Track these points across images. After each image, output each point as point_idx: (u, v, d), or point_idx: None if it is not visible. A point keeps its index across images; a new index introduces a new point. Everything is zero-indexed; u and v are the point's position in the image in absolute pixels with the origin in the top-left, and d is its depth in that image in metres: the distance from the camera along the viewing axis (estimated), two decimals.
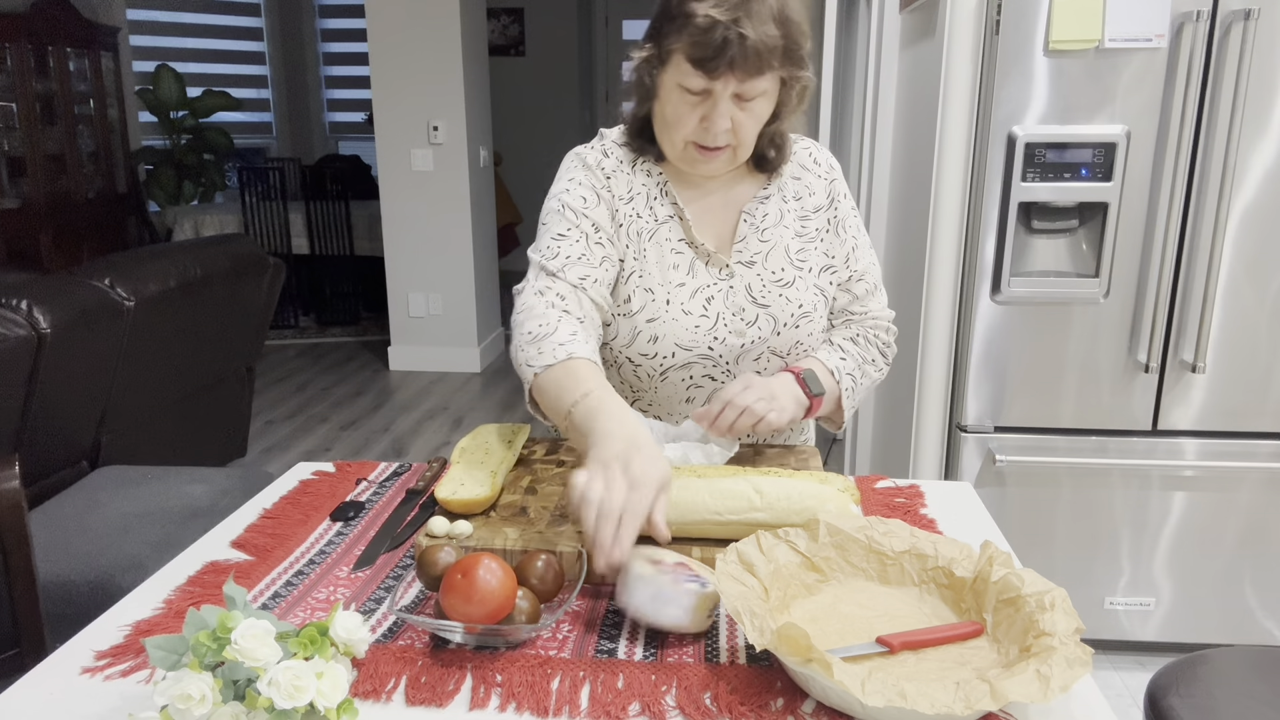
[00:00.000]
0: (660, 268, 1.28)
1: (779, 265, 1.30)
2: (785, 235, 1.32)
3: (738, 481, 1.03)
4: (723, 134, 1.20)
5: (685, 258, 1.29)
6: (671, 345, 1.27)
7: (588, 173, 1.31)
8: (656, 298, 1.27)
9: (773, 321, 1.29)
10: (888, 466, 2.59)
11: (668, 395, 1.32)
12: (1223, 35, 1.93)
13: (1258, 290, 2.06)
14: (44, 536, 1.92)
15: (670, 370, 1.29)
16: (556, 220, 1.28)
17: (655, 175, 1.32)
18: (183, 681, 0.71)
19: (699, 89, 1.17)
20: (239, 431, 3.36)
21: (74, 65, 5.35)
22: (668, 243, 1.29)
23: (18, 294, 2.12)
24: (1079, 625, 0.80)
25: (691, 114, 1.20)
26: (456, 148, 4.70)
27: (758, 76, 1.15)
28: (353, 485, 1.29)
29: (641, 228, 1.29)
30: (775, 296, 1.29)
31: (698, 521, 1.01)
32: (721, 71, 1.14)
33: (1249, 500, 2.16)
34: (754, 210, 1.32)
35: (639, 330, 1.27)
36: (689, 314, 1.27)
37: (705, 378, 1.30)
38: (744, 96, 1.17)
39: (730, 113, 1.18)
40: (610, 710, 0.79)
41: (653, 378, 1.30)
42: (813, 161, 1.37)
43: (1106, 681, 2.21)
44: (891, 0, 2.55)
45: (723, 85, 1.15)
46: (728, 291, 1.28)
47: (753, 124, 1.22)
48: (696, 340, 1.27)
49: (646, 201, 1.31)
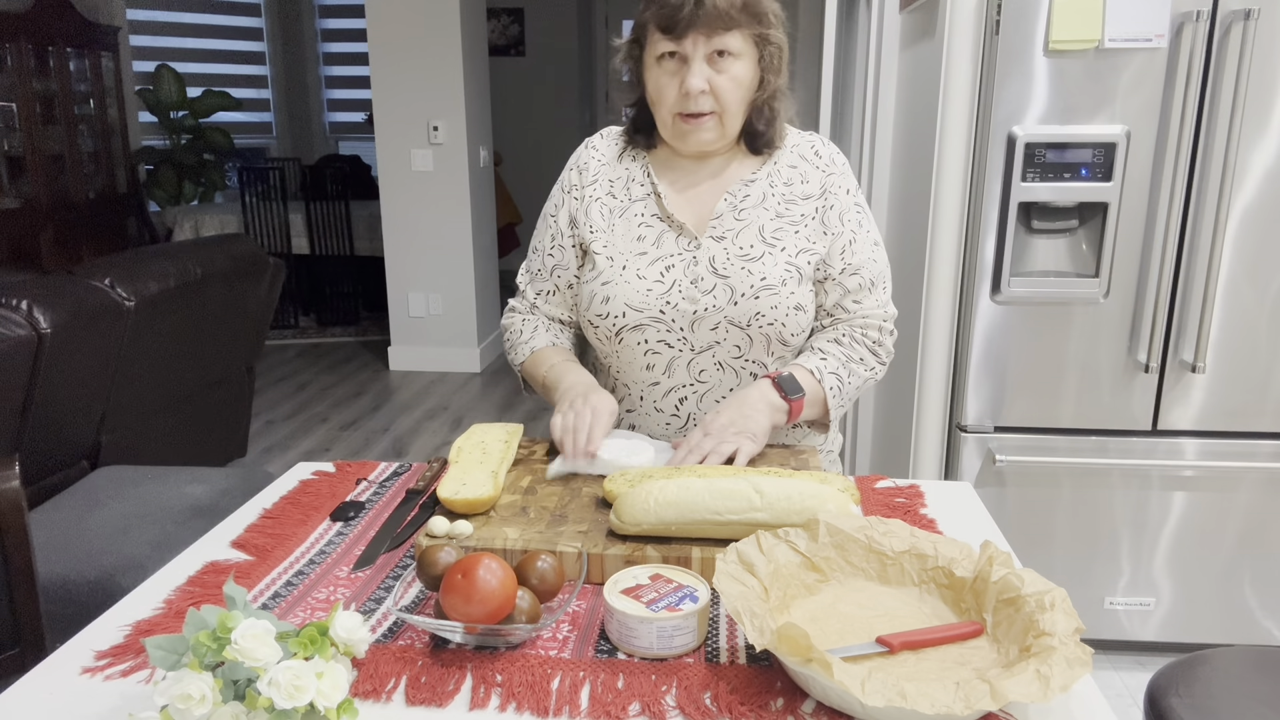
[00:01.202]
0: (626, 239, 1.36)
1: (749, 241, 1.33)
2: (763, 216, 1.35)
3: (738, 481, 1.03)
4: (701, 97, 1.26)
5: (654, 230, 1.35)
6: (621, 305, 1.33)
7: (566, 172, 1.44)
8: (615, 264, 1.35)
9: (730, 291, 1.31)
10: (888, 466, 2.59)
11: (628, 360, 1.37)
12: (1223, 35, 1.93)
13: (1258, 290, 2.06)
14: (44, 536, 1.92)
15: (624, 331, 1.34)
16: (538, 229, 1.46)
17: (640, 160, 1.41)
18: (183, 681, 0.71)
19: (670, 51, 1.25)
20: (239, 431, 3.36)
21: (74, 65, 5.35)
22: (638, 218, 1.36)
23: (18, 294, 2.12)
24: (1079, 625, 0.80)
25: (671, 83, 1.27)
26: (456, 148, 4.70)
27: (724, 33, 1.23)
28: (353, 485, 1.29)
29: (614, 206, 1.39)
30: (737, 269, 1.32)
31: (698, 521, 1.01)
32: (685, 31, 1.22)
33: (1249, 500, 2.16)
34: (737, 191, 1.36)
35: (595, 293, 1.35)
36: (643, 278, 1.33)
37: (661, 343, 1.34)
38: (717, 56, 1.25)
39: (706, 75, 1.25)
40: (610, 710, 0.79)
41: (610, 339, 1.36)
42: (814, 153, 1.39)
43: (1106, 681, 2.21)
44: (891, 0, 2.55)
45: (691, 45, 1.23)
46: (690, 262, 1.33)
47: (731, 86, 1.26)
48: (647, 303, 1.32)
49: (626, 184, 1.40)
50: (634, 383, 1.39)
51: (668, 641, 0.86)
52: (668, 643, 0.86)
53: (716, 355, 1.35)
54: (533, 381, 1.43)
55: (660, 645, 0.86)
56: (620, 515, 1.02)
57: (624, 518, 1.01)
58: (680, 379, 1.36)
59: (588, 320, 1.37)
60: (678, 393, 1.37)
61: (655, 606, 0.86)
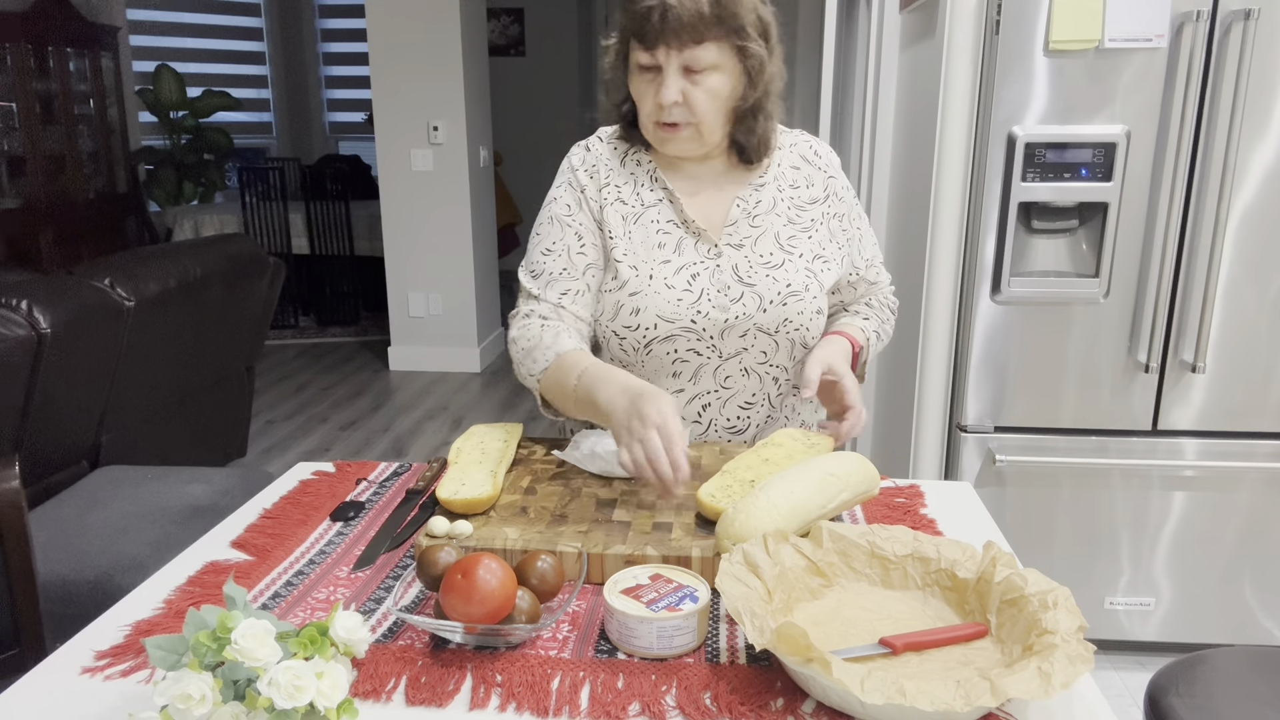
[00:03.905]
0: (645, 246, 1.33)
1: (768, 250, 1.33)
2: (777, 222, 1.35)
3: (813, 471, 1.04)
4: (674, 108, 1.25)
5: (673, 237, 1.33)
6: (653, 317, 1.30)
7: (572, 175, 1.38)
8: (640, 273, 1.31)
9: (759, 299, 1.31)
10: (888, 466, 2.58)
11: (654, 369, 1.35)
12: (1223, 35, 1.93)
13: (1258, 290, 2.06)
14: (44, 536, 1.92)
15: (654, 343, 1.32)
16: (546, 231, 1.36)
17: (645, 164, 1.37)
18: (183, 681, 0.71)
19: (647, 64, 1.24)
20: (239, 431, 3.36)
21: (74, 65, 5.34)
22: (654, 224, 1.34)
23: (18, 294, 2.11)
24: (1082, 623, 0.80)
25: (648, 91, 1.27)
26: (456, 148, 4.70)
27: (695, 46, 1.21)
28: (353, 485, 1.29)
29: (627, 212, 1.34)
30: (762, 276, 1.32)
31: (808, 523, 1.01)
32: (656, 42, 1.21)
33: (1249, 500, 2.16)
34: (748, 197, 1.35)
35: (622, 304, 1.31)
36: (672, 288, 1.30)
37: (690, 351, 1.33)
38: (692, 69, 1.23)
39: (681, 87, 1.24)
40: (610, 710, 0.79)
41: (638, 351, 1.33)
42: (814, 154, 1.41)
43: (1106, 681, 2.21)
44: (891, 0, 2.55)
45: (664, 56, 1.23)
46: (714, 269, 1.32)
47: (706, 99, 1.25)
48: (679, 313, 1.30)
49: (634, 188, 1.36)
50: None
51: (668, 641, 0.86)
52: (668, 643, 0.86)
53: (743, 361, 1.34)
54: (554, 387, 1.24)
55: (660, 645, 0.86)
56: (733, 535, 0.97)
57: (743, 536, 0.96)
58: (705, 385, 1.35)
59: (612, 331, 1.33)
60: (701, 399, 1.36)
61: (655, 606, 0.86)
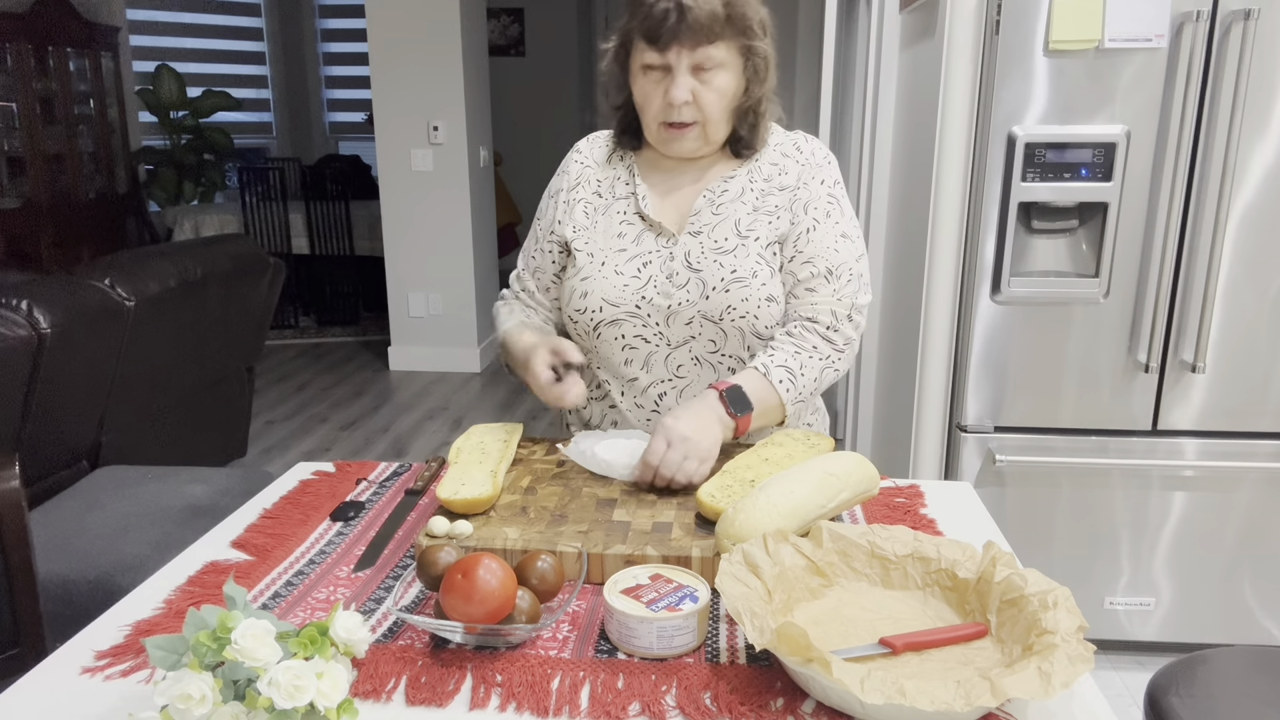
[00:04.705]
0: (606, 236, 1.39)
1: (724, 235, 1.35)
2: (740, 210, 1.36)
3: (812, 471, 1.04)
4: (684, 107, 1.28)
5: (634, 229, 1.38)
6: (599, 300, 1.35)
7: (556, 177, 1.47)
8: (595, 260, 1.38)
9: (702, 285, 1.33)
10: (888, 466, 2.59)
11: (606, 355, 1.40)
12: (1223, 35, 1.93)
13: (1258, 290, 2.06)
14: (44, 536, 1.92)
15: (601, 326, 1.36)
16: (533, 229, 1.49)
17: (628, 161, 1.43)
18: (183, 681, 0.71)
19: (657, 64, 1.27)
20: (239, 431, 3.36)
21: (74, 65, 5.35)
22: (620, 215, 1.39)
23: (18, 294, 2.12)
24: (1082, 623, 0.80)
25: (656, 91, 1.29)
26: (456, 148, 4.70)
27: (707, 45, 1.24)
28: (353, 485, 1.29)
29: (599, 205, 1.41)
30: (710, 262, 1.33)
31: (809, 523, 1.01)
32: (669, 43, 1.23)
33: (1249, 500, 2.16)
34: (715, 188, 1.37)
35: (574, 289, 1.38)
36: (620, 274, 1.36)
37: (638, 338, 1.36)
38: (701, 68, 1.26)
39: (690, 86, 1.27)
40: (610, 710, 0.79)
41: (589, 335, 1.39)
42: (795, 149, 1.41)
43: (1106, 681, 2.21)
44: (891, 0, 2.55)
45: (675, 57, 1.25)
46: (667, 258, 1.35)
47: (715, 97, 1.28)
48: (624, 298, 1.34)
49: (612, 184, 1.42)
50: (614, 378, 1.41)
51: (668, 641, 0.86)
52: (668, 643, 0.86)
53: (693, 350, 1.36)
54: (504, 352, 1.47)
55: (660, 645, 0.86)
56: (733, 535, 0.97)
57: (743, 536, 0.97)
58: (659, 374, 1.38)
59: (568, 316, 1.40)
60: (657, 388, 1.39)
61: (655, 606, 0.86)
